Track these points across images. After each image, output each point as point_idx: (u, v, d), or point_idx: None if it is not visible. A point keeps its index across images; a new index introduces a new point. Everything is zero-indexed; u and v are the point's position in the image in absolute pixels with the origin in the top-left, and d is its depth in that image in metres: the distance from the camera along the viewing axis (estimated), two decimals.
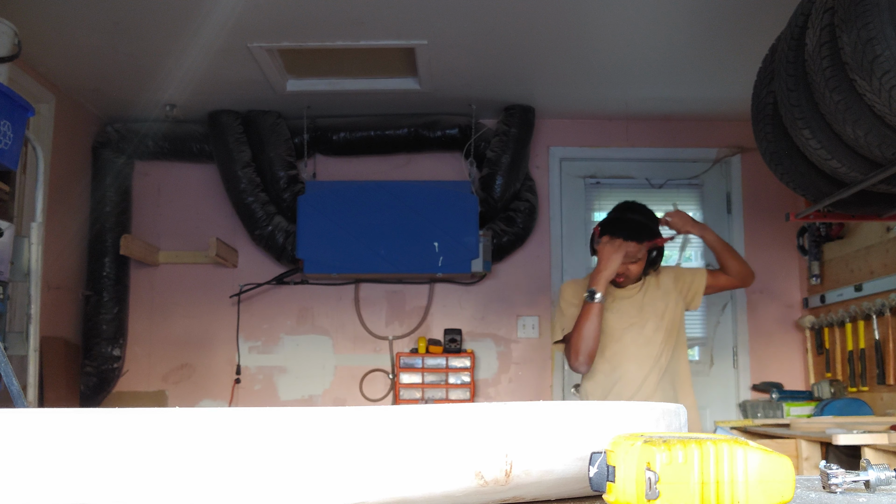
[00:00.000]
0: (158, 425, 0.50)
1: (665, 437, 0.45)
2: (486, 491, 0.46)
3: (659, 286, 2.99)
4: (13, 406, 0.73)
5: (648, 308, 2.93)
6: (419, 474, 0.45)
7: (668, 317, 2.93)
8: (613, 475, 0.44)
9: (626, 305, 2.94)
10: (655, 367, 2.88)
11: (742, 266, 3.04)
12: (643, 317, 2.92)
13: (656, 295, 2.97)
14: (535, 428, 0.47)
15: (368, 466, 0.45)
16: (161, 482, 0.48)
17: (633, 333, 2.91)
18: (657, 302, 2.94)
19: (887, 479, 0.61)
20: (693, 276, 3.05)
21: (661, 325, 2.91)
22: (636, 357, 2.89)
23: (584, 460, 0.48)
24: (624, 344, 2.91)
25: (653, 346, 2.89)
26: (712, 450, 0.43)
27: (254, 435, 0.48)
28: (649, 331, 2.91)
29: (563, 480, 0.49)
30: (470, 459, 0.45)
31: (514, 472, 0.46)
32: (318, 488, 0.46)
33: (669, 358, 2.91)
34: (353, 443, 0.46)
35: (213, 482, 0.48)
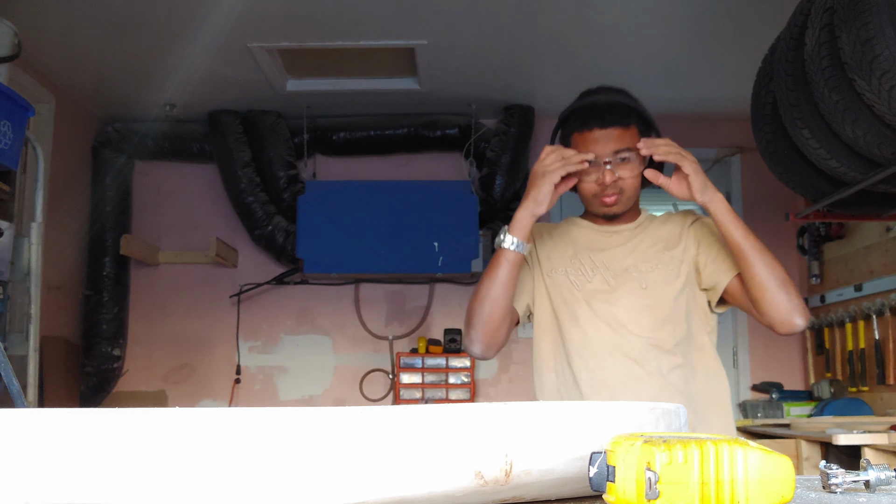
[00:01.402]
0: (155, 425, 0.50)
1: (665, 437, 0.45)
2: (486, 491, 0.46)
3: (666, 236, 1.79)
4: (13, 406, 0.73)
5: (645, 265, 1.75)
6: (419, 474, 0.45)
7: (680, 284, 1.72)
8: (613, 475, 0.44)
9: (605, 258, 1.77)
10: (654, 372, 1.68)
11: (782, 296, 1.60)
12: (633, 278, 1.73)
13: (659, 247, 1.77)
14: (535, 428, 0.47)
15: (368, 466, 0.45)
16: (161, 483, 0.48)
17: (616, 308, 1.72)
18: (662, 257, 1.75)
19: (887, 479, 0.61)
20: (720, 247, 1.74)
21: (668, 297, 1.71)
22: (619, 350, 1.70)
23: (584, 460, 0.48)
24: (596, 326, 1.72)
25: (652, 332, 1.70)
26: (712, 450, 0.43)
27: (254, 435, 0.48)
28: (646, 303, 1.71)
29: (563, 480, 0.49)
30: (470, 459, 0.45)
31: (514, 472, 0.46)
32: (318, 488, 0.46)
33: (681, 362, 1.70)
34: (353, 443, 0.46)
35: (213, 482, 0.48)
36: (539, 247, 1.85)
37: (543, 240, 1.86)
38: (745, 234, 1.62)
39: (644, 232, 1.82)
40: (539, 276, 1.83)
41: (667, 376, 1.69)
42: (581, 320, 1.74)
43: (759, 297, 1.61)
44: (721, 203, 1.63)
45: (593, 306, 1.73)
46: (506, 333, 1.76)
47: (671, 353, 1.70)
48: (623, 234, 1.81)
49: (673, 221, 1.84)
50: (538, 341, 1.81)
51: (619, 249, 1.79)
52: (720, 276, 1.72)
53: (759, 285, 1.60)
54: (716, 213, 1.63)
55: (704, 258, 1.75)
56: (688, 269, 1.75)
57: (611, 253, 1.80)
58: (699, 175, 1.62)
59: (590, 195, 1.74)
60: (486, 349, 1.76)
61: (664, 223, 1.83)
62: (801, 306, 1.61)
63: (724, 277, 1.72)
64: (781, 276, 1.61)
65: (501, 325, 1.73)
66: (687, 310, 1.74)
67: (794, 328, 1.62)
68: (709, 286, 1.75)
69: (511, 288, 1.70)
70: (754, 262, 1.60)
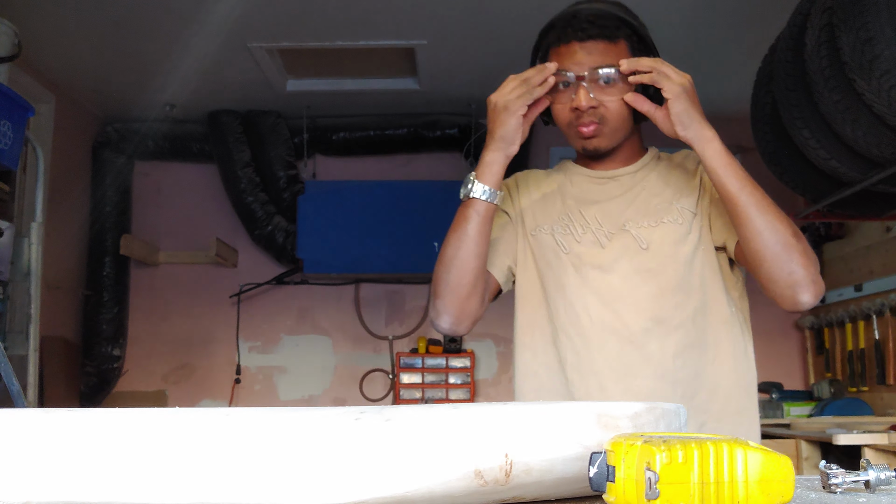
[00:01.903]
0: (157, 425, 0.50)
1: (665, 437, 0.45)
2: (486, 491, 0.46)
3: (676, 181, 1.47)
4: (13, 406, 0.73)
5: (646, 219, 1.44)
6: (419, 474, 0.45)
7: (692, 244, 1.41)
8: (613, 475, 0.44)
9: (598, 213, 1.46)
10: (654, 356, 1.38)
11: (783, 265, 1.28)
12: (632, 237, 1.43)
13: (666, 196, 1.45)
14: (535, 428, 0.47)
15: (369, 466, 0.45)
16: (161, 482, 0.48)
17: (610, 276, 1.42)
18: (669, 210, 1.43)
19: (887, 479, 0.61)
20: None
21: (675, 260, 1.40)
22: (610, 329, 1.40)
23: (584, 460, 0.48)
24: (584, 298, 1.43)
25: (653, 305, 1.40)
26: (712, 450, 0.43)
27: (256, 435, 0.48)
28: (647, 268, 1.41)
29: (563, 480, 0.49)
30: (470, 459, 0.46)
31: (514, 472, 0.46)
32: (319, 487, 0.46)
33: (692, 341, 1.39)
34: (353, 443, 0.46)
35: (213, 481, 0.48)
36: (523, 199, 1.55)
37: (529, 190, 1.55)
38: (742, 185, 1.28)
39: (648, 177, 1.47)
40: (522, 235, 1.53)
41: (671, 361, 1.37)
42: (568, 290, 1.44)
43: (756, 265, 1.30)
44: (710, 142, 1.28)
45: (583, 273, 1.43)
46: (479, 303, 1.45)
47: (679, 331, 1.38)
48: (621, 180, 1.47)
49: (684, 165, 1.48)
50: (518, 312, 1.53)
51: (616, 201, 1.46)
52: (729, 233, 1.39)
53: (757, 251, 1.27)
54: (703, 155, 1.29)
55: (716, 209, 1.42)
56: (701, 224, 1.42)
57: (605, 206, 1.46)
58: (682, 101, 1.27)
59: (565, 124, 1.42)
60: (457, 322, 1.44)
61: (675, 165, 1.48)
62: (810, 277, 1.27)
63: (732, 236, 1.38)
64: (785, 239, 1.26)
65: (473, 292, 1.42)
66: (702, 275, 1.41)
67: (797, 305, 1.30)
68: (720, 244, 1.42)
69: (482, 246, 1.40)
70: (751, 220, 1.27)
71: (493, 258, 1.49)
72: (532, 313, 1.50)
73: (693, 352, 1.39)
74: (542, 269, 1.49)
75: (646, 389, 1.36)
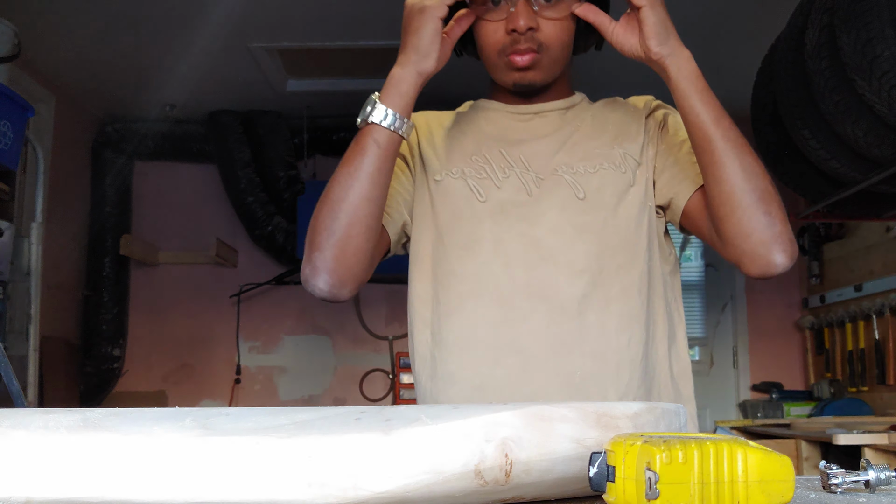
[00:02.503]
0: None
1: (665, 437, 0.45)
2: (486, 491, 0.46)
3: (616, 124, 1.23)
4: (13, 406, 0.73)
5: (584, 164, 1.19)
6: (419, 474, 0.45)
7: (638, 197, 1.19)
8: (613, 475, 0.45)
9: (524, 153, 1.20)
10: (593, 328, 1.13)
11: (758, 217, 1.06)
12: (566, 182, 1.18)
13: (606, 139, 1.21)
14: (535, 428, 0.47)
15: (368, 466, 0.45)
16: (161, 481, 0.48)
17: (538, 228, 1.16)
18: (610, 154, 1.20)
19: (887, 479, 0.61)
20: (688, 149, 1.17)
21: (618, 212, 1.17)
22: (539, 294, 1.14)
23: (584, 460, 0.48)
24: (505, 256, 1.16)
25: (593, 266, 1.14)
26: (712, 450, 0.43)
27: (256, 434, 0.48)
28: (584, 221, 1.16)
29: (563, 480, 0.49)
30: (470, 459, 0.46)
31: (514, 472, 0.46)
32: (319, 487, 0.46)
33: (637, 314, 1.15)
34: (354, 442, 0.46)
35: (213, 479, 0.48)
36: (422, 139, 1.27)
37: (431, 131, 1.28)
38: (719, 116, 1.06)
39: (581, 117, 1.22)
40: (422, 183, 1.23)
41: (613, 336, 1.11)
42: (483, 246, 1.15)
43: (724, 214, 1.06)
44: (686, 63, 1.07)
45: (503, 225, 1.15)
46: (368, 263, 1.15)
47: (621, 301, 1.13)
48: (549, 116, 1.22)
49: (626, 108, 1.25)
50: (414, 280, 1.26)
51: (546, 141, 1.19)
52: (680, 186, 1.16)
53: (727, 196, 1.05)
54: (676, 78, 1.07)
55: (663, 161, 1.19)
56: (646, 176, 1.18)
57: (533, 146, 1.19)
58: (658, 9, 1.05)
59: (494, 51, 1.15)
60: (338, 284, 1.12)
61: (612, 109, 1.25)
62: (786, 235, 1.06)
63: (685, 188, 1.15)
64: (764, 185, 1.06)
65: (363, 247, 1.12)
66: (648, 237, 1.17)
67: (769, 267, 1.06)
68: (663, 201, 1.18)
69: (380, 188, 1.11)
70: (726, 158, 1.04)
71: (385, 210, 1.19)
72: (432, 280, 1.22)
73: (637, 328, 1.13)
74: (448, 223, 1.19)
75: (581, 371, 1.10)
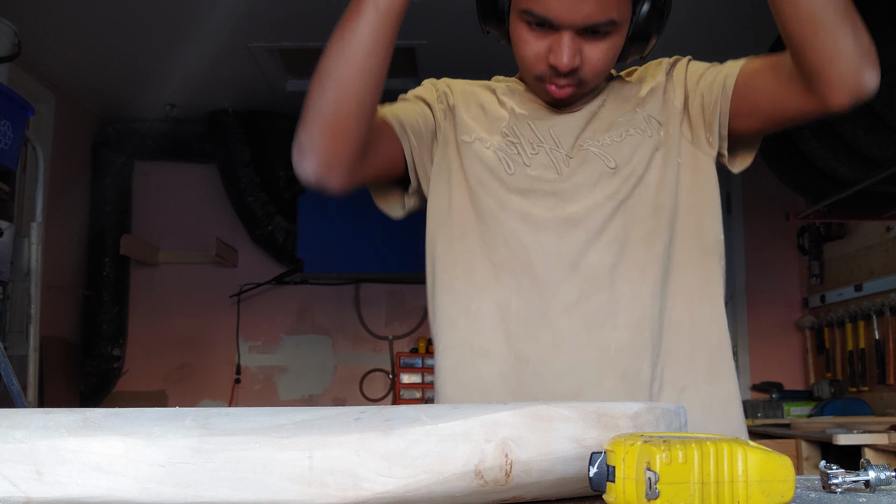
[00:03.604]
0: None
1: (665, 437, 0.45)
2: (486, 491, 0.47)
3: (636, 92, 1.20)
4: (13, 406, 0.73)
5: (610, 134, 1.16)
6: (419, 474, 0.45)
7: (663, 157, 1.14)
8: (613, 475, 0.44)
9: (553, 128, 1.17)
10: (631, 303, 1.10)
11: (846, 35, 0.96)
12: (594, 155, 1.14)
13: (629, 107, 1.18)
14: (535, 428, 0.47)
15: (368, 465, 0.45)
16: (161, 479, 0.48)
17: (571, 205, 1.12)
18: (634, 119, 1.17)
19: (887, 479, 0.61)
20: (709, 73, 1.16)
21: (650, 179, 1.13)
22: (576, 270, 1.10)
23: (584, 460, 0.48)
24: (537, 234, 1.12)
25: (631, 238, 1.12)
26: (712, 450, 0.43)
27: (255, 434, 0.48)
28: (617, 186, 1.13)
29: (563, 480, 0.49)
30: (470, 459, 0.46)
31: (514, 472, 0.46)
32: (318, 486, 0.46)
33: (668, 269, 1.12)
34: (354, 442, 0.46)
35: (213, 478, 0.48)
36: (458, 99, 1.21)
37: (464, 94, 1.22)
38: None
39: (607, 90, 1.20)
40: (450, 140, 1.17)
41: (648, 304, 1.09)
42: (511, 215, 1.11)
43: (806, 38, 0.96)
44: None
45: (531, 198, 1.11)
46: (358, 148, 1.04)
47: (653, 267, 1.10)
48: (580, 109, 1.19)
49: (643, 71, 1.23)
50: (436, 240, 1.21)
51: (576, 117, 1.16)
52: (723, 78, 1.12)
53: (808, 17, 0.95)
54: None
55: (695, 95, 1.15)
56: (673, 131, 1.14)
57: (562, 122, 1.16)
58: None
59: (531, 73, 1.11)
60: (326, 168, 1.03)
61: (633, 76, 1.23)
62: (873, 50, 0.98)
63: (729, 76, 1.11)
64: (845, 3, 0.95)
65: (353, 127, 1.01)
66: (675, 195, 1.13)
67: (861, 89, 0.98)
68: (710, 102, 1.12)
69: (377, 58, 1.01)
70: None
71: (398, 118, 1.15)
72: (458, 242, 1.15)
73: (670, 292, 1.11)
74: (474, 188, 1.14)
75: (617, 343, 1.07)
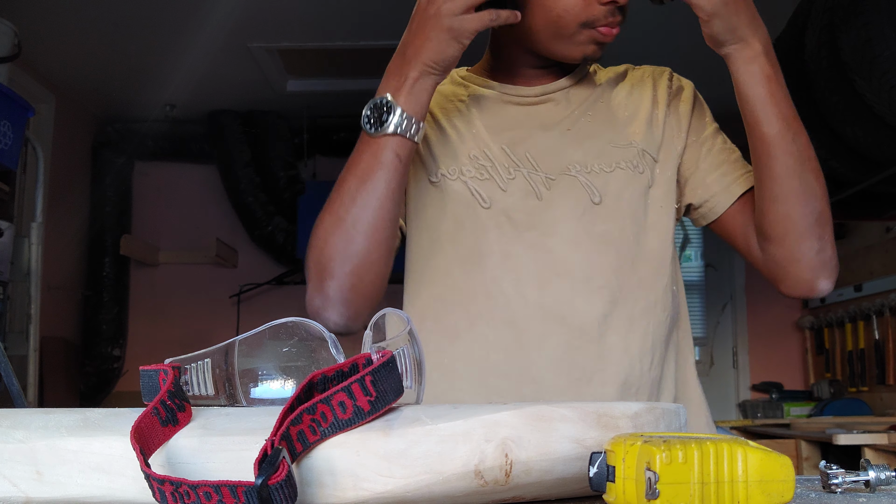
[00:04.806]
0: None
1: (665, 437, 0.45)
2: (486, 491, 0.46)
3: (630, 110, 1.09)
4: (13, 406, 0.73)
5: (599, 161, 1.03)
6: (419, 474, 0.45)
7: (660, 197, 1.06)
8: (613, 475, 0.44)
9: (532, 148, 1.04)
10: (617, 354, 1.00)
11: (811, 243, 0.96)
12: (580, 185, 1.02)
13: (619, 130, 1.06)
14: (535, 428, 0.47)
15: (368, 465, 0.45)
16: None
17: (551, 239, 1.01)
18: (626, 151, 1.05)
19: (887, 479, 0.61)
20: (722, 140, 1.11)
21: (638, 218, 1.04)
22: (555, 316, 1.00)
23: (584, 460, 0.48)
24: (515, 271, 1.01)
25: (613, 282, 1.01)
26: (712, 450, 0.43)
27: (255, 433, 0.48)
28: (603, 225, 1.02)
29: (563, 480, 0.49)
30: (470, 459, 0.46)
31: (514, 472, 0.46)
32: (317, 487, 0.46)
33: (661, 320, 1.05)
34: (354, 442, 0.46)
35: (213, 477, 0.48)
36: None
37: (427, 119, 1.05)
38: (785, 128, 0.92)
39: (590, 96, 1.07)
40: (419, 180, 1.06)
41: (637, 359, 1.00)
42: (490, 260, 1.00)
43: (774, 236, 0.95)
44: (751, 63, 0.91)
45: (511, 235, 1.00)
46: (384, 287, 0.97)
47: (644, 319, 1.01)
48: (555, 98, 1.05)
49: (642, 87, 1.10)
50: (410, 288, 1.07)
51: (555, 133, 1.03)
52: (719, 188, 1.04)
53: (781, 219, 0.94)
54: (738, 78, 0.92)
55: (695, 156, 1.06)
56: (667, 175, 1.05)
57: (540, 141, 1.03)
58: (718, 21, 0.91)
59: (575, 21, 0.95)
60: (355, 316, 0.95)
61: (627, 87, 1.10)
62: (834, 260, 0.98)
63: (726, 194, 1.04)
64: (822, 206, 0.94)
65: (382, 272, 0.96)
66: (664, 243, 1.05)
67: (811, 292, 1.00)
68: (696, 201, 1.06)
69: (401, 205, 0.98)
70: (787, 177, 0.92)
71: None
72: (435, 290, 1.04)
73: (660, 348, 1.03)
74: (450, 232, 1.03)
75: (603, 399, 0.98)
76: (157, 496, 0.43)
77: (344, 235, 0.93)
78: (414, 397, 0.57)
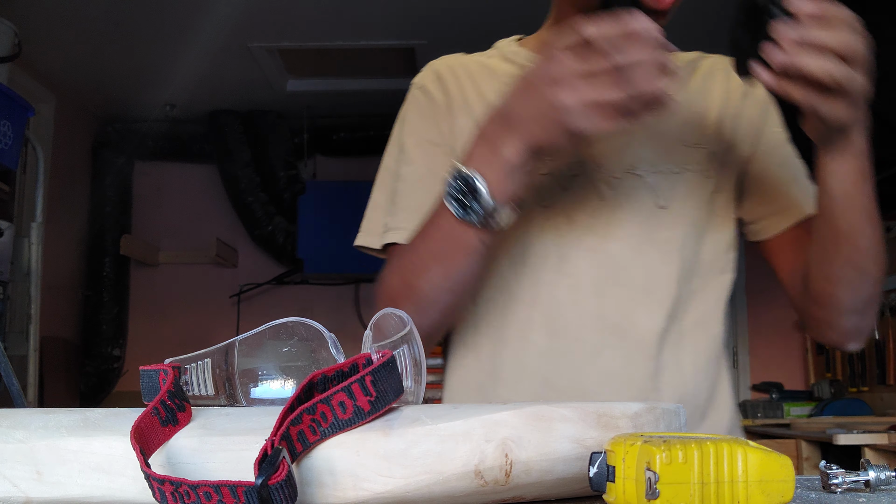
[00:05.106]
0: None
1: (665, 437, 0.45)
2: (486, 491, 0.46)
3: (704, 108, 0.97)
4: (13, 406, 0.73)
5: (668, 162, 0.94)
6: (419, 474, 0.45)
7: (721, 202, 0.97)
8: (613, 475, 0.44)
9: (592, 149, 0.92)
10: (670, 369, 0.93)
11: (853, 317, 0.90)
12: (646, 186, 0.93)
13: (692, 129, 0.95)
14: (535, 428, 0.47)
15: (368, 465, 0.45)
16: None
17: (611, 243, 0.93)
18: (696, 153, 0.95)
19: (887, 479, 0.61)
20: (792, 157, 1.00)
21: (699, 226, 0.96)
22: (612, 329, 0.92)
23: (584, 460, 0.48)
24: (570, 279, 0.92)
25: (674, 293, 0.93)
26: (712, 450, 0.43)
27: (255, 433, 0.48)
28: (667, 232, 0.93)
29: (563, 480, 0.49)
30: (470, 459, 0.46)
31: (514, 472, 0.46)
32: (317, 487, 0.46)
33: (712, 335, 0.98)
34: (354, 442, 0.46)
35: (213, 477, 0.48)
36: (459, 112, 0.99)
37: (466, 98, 0.99)
38: (860, 225, 0.83)
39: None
40: None
41: (690, 377, 0.94)
42: (543, 263, 0.93)
43: (820, 303, 0.90)
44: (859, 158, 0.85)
45: (569, 237, 0.92)
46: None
47: (695, 333, 0.95)
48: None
49: (710, 76, 0.98)
50: None
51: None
52: (774, 210, 0.96)
53: (830, 296, 0.88)
54: (833, 171, 0.82)
55: (760, 168, 0.96)
56: (732, 180, 0.97)
57: (604, 138, 0.91)
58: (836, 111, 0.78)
59: None
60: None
61: (695, 77, 0.98)
62: (869, 328, 0.93)
63: (780, 218, 0.96)
64: (873, 291, 0.87)
65: (443, 333, 0.96)
66: (726, 253, 0.99)
67: (840, 347, 0.96)
68: (748, 217, 0.98)
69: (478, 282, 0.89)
70: (847, 266, 0.84)
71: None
72: (486, 293, 0.95)
73: (712, 364, 0.97)
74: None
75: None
76: (157, 496, 0.43)
77: (415, 307, 0.83)
78: (414, 397, 0.57)
